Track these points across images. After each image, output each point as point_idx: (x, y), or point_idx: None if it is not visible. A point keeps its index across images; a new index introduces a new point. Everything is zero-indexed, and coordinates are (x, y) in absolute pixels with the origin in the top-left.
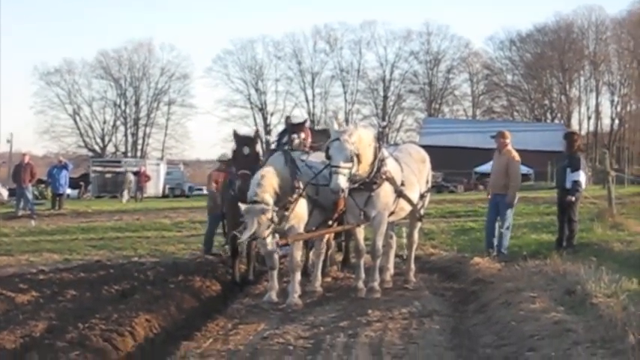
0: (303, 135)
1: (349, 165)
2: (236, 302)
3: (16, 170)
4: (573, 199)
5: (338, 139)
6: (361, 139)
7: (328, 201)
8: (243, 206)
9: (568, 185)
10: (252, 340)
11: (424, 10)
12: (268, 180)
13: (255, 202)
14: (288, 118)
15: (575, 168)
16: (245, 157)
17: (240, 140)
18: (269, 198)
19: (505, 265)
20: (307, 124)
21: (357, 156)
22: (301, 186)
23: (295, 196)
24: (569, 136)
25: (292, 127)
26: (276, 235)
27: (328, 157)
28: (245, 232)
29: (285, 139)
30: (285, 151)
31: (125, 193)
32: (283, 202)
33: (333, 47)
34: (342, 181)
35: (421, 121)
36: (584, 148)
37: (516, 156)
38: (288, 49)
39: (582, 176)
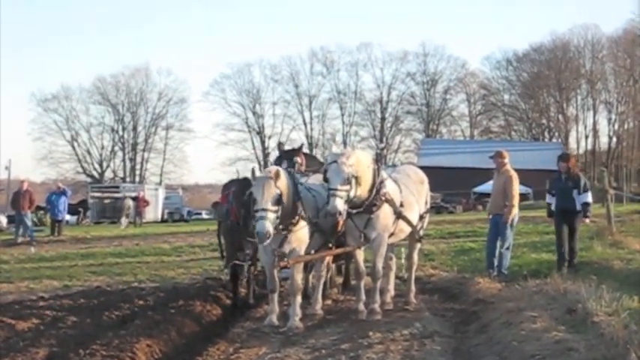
0: (299, 160)
1: (347, 187)
2: (237, 326)
3: (14, 197)
4: (588, 221)
5: (335, 161)
6: (359, 161)
7: (328, 224)
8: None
9: (578, 207)
10: None
11: (420, 31)
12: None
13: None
14: (280, 144)
15: (585, 189)
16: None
17: (245, 184)
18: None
19: (506, 285)
20: (303, 148)
21: (356, 178)
22: (303, 209)
23: (297, 217)
24: (567, 157)
25: (287, 153)
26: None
27: (326, 180)
28: (256, 200)
29: (283, 165)
30: (289, 172)
31: (123, 219)
32: (285, 223)
33: (329, 69)
34: (340, 204)
35: (419, 142)
36: (581, 167)
37: (514, 175)
38: (285, 72)
39: (590, 197)
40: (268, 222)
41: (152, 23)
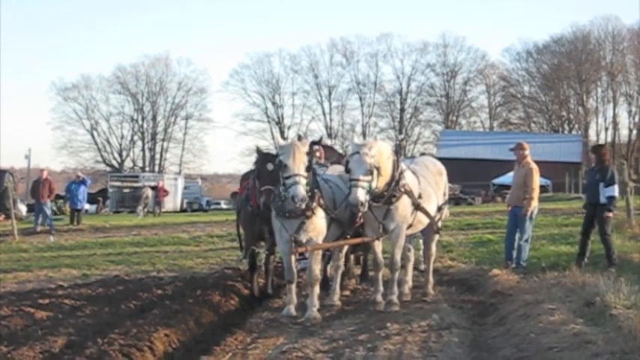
0: (317, 153)
1: (368, 178)
2: (255, 316)
3: (34, 186)
4: (611, 214)
5: (358, 152)
6: (381, 152)
7: (345, 216)
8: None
9: (603, 200)
10: (271, 354)
11: (440, 22)
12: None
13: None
14: (300, 137)
15: (610, 182)
16: (269, 173)
17: (264, 157)
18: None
19: (524, 277)
20: (323, 140)
21: (377, 169)
22: (321, 196)
23: (315, 204)
24: (598, 149)
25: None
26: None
27: (347, 171)
28: (287, 166)
29: None
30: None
31: (140, 209)
32: (302, 210)
33: (349, 60)
34: (362, 194)
35: (438, 133)
36: (611, 161)
37: (535, 167)
38: (305, 62)
39: (617, 191)
40: (301, 187)
41: (172, 13)
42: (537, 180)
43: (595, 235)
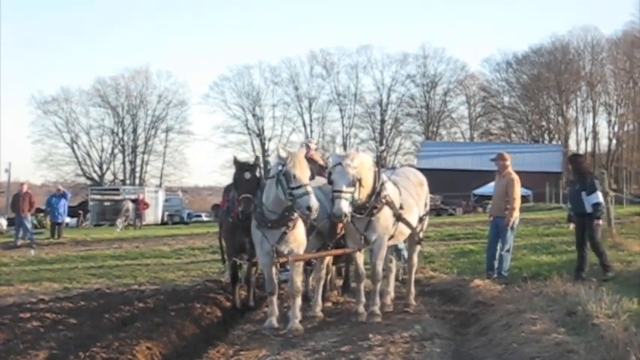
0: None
1: (351, 189)
2: (237, 328)
3: (14, 200)
4: (600, 222)
5: (340, 163)
6: (363, 163)
7: (325, 227)
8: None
9: (588, 209)
10: None
11: (420, 34)
12: None
13: None
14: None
15: (591, 190)
16: (246, 182)
17: (241, 166)
18: None
19: (505, 287)
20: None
21: (359, 180)
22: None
23: (296, 215)
24: (575, 159)
25: None
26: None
27: (330, 182)
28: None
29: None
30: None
31: (119, 221)
32: (284, 221)
33: (329, 72)
34: (345, 206)
35: (419, 144)
36: (591, 169)
37: (516, 178)
38: (285, 74)
39: (601, 197)
40: (314, 196)
41: (152, 26)
42: (518, 190)
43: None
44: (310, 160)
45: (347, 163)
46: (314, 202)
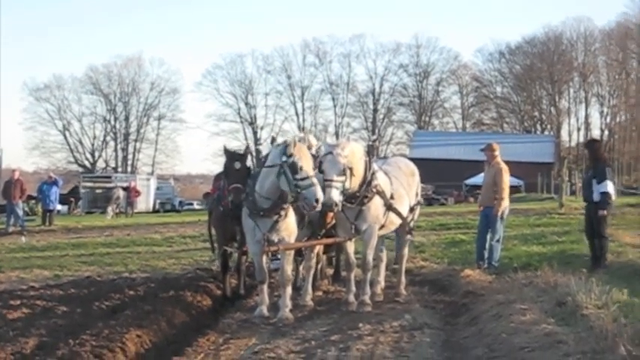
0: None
1: (342, 178)
2: (227, 317)
3: (5, 186)
4: (605, 212)
5: (331, 152)
6: (354, 152)
7: (315, 216)
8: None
9: (596, 198)
10: (243, 354)
11: (413, 23)
12: None
13: None
14: (273, 138)
15: (602, 178)
16: (237, 171)
17: (232, 156)
18: None
19: (496, 278)
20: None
21: (350, 169)
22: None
23: (287, 205)
24: (591, 144)
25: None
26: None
27: (321, 171)
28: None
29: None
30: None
31: (110, 209)
32: (276, 209)
33: (322, 61)
34: (336, 195)
35: (411, 133)
36: (607, 156)
37: (504, 167)
38: (278, 63)
39: (610, 187)
40: (327, 191)
41: (145, 13)
42: (507, 179)
43: None
44: None
45: (337, 152)
46: (321, 194)
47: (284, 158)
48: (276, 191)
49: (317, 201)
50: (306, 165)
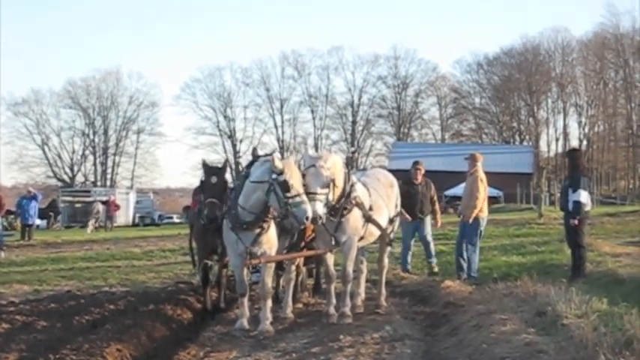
0: None
1: (325, 191)
2: (208, 330)
3: None
4: (576, 222)
5: (314, 165)
6: (335, 164)
7: (295, 226)
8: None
9: (570, 207)
10: None
11: (391, 35)
12: None
13: None
14: (254, 149)
15: (576, 188)
16: (213, 186)
17: (209, 170)
18: None
19: (476, 288)
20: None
21: (333, 181)
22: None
23: (270, 217)
24: (572, 154)
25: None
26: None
27: (304, 184)
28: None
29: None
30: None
31: (90, 223)
32: (259, 223)
33: (301, 73)
34: (320, 208)
35: (390, 145)
36: (587, 165)
37: (481, 176)
38: (256, 75)
39: (584, 196)
40: (311, 204)
41: (123, 27)
42: (482, 188)
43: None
44: None
45: (320, 164)
46: (311, 212)
47: (274, 176)
48: (262, 206)
49: (307, 219)
50: (297, 183)
